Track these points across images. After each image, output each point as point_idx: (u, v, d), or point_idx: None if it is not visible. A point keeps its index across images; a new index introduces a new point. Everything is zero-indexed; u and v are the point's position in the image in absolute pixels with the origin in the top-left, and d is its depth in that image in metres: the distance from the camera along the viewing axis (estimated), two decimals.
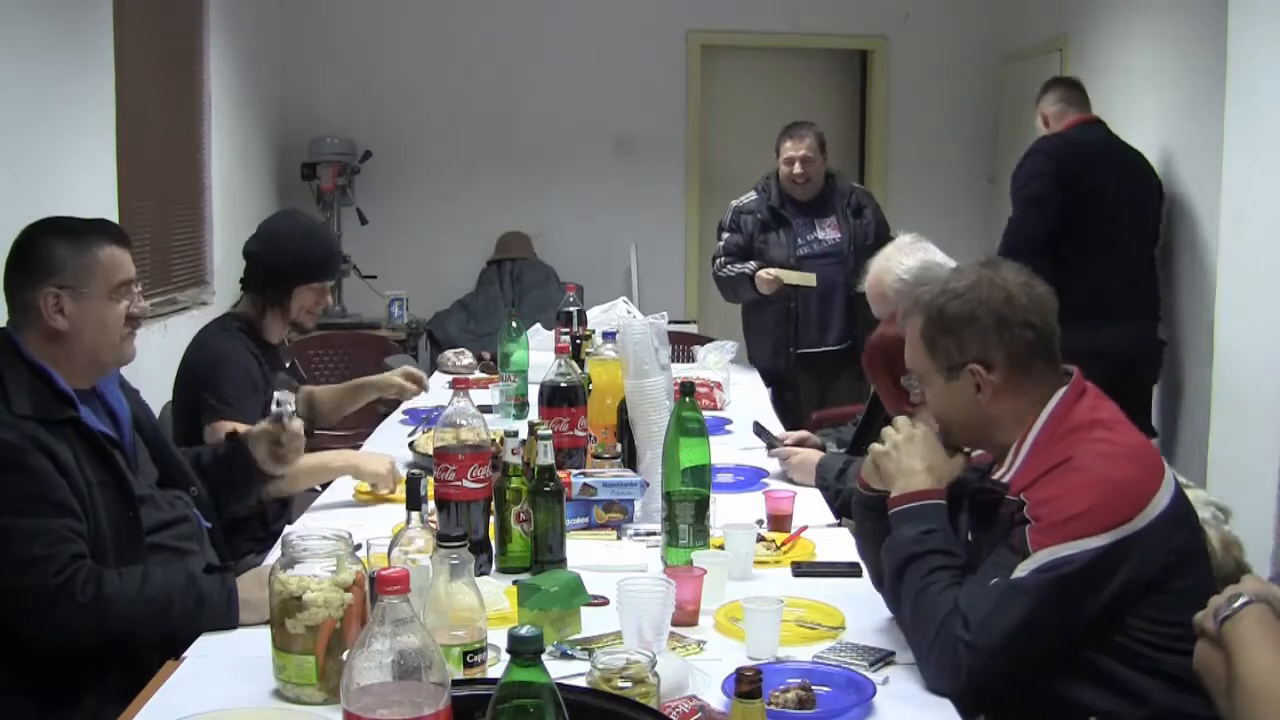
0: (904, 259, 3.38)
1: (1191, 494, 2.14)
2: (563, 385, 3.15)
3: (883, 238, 5.24)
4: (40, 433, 2.26)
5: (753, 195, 5.30)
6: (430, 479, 2.49)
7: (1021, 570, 1.93)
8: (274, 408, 2.77)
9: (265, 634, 1.99)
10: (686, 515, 2.48)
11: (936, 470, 2.16)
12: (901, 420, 2.22)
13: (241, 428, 2.91)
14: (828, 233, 5.21)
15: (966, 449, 2.24)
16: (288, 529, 2.84)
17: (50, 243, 2.39)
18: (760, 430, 3.62)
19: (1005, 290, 2.10)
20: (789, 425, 4.08)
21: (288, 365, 3.62)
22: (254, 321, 3.45)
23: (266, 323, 3.46)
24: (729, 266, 5.24)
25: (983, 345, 2.10)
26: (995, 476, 2.11)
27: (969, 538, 2.22)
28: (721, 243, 5.31)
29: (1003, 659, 1.93)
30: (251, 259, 3.47)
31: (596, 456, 3.06)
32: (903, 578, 2.07)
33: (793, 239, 5.17)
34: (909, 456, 2.16)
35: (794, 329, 5.21)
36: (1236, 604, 1.76)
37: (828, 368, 5.27)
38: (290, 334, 3.59)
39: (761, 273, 5.07)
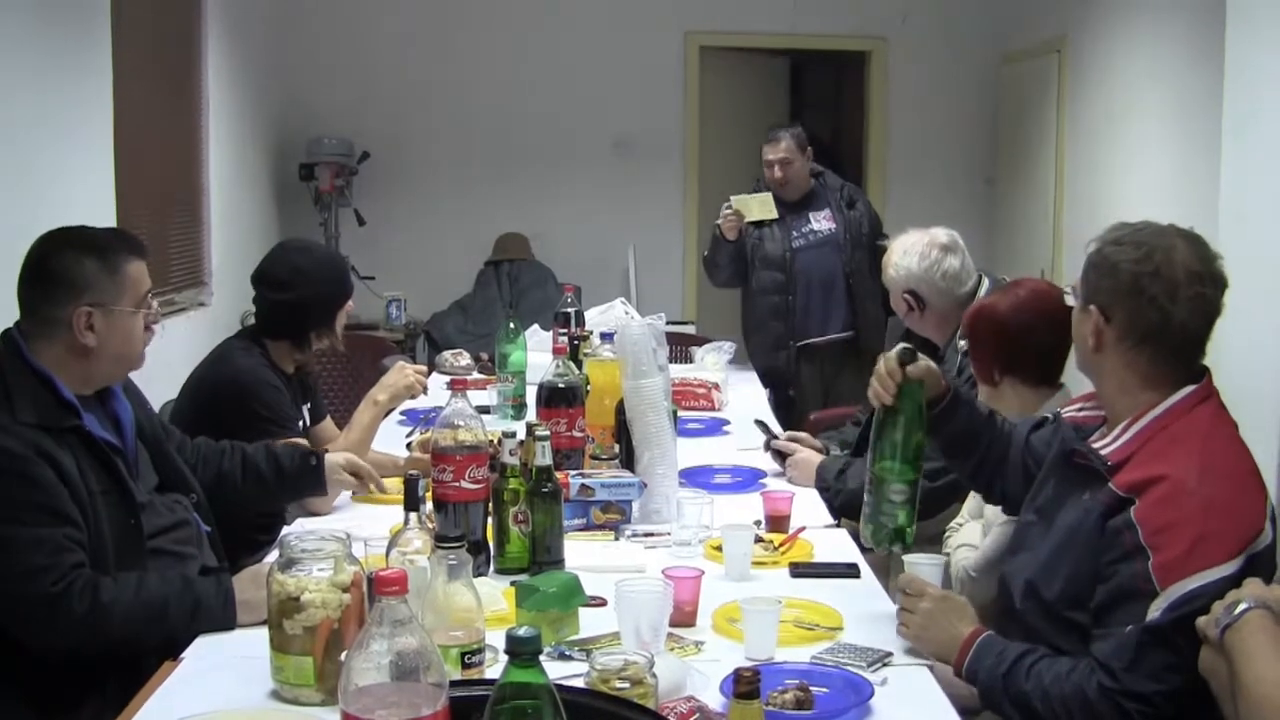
0: (912, 261, 3.48)
1: None
2: (561, 386, 3.14)
3: (877, 231, 5.30)
4: (44, 440, 2.25)
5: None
6: (428, 480, 2.49)
7: (1154, 611, 1.91)
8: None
9: (263, 635, 1.99)
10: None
11: (963, 615, 2.17)
12: (904, 602, 2.23)
13: (341, 457, 2.92)
14: (822, 223, 5.29)
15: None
16: (285, 530, 2.84)
17: (79, 259, 2.36)
18: (762, 425, 3.63)
19: (1160, 266, 2.06)
20: (789, 426, 4.09)
21: (307, 396, 3.51)
22: (275, 358, 3.33)
23: (305, 356, 3.37)
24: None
25: (1109, 297, 2.11)
26: (1096, 444, 2.12)
27: (1050, 492, 2.23)
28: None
29: (1160, 699, 1.90)
30: (283, 307, 3.32)
31: (594, 457, 3.05)
32: (1016, 692, 2.03)
33: (787, 232, 5.22)
34: (937, 630, 2.16)
35: (793, 321, 5.23)
36: (1237, 611, 1.75)
37: (831, 359, 5.29)
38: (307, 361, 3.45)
39: (721, 221, 5.16)
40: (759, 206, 5.16)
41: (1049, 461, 2.31)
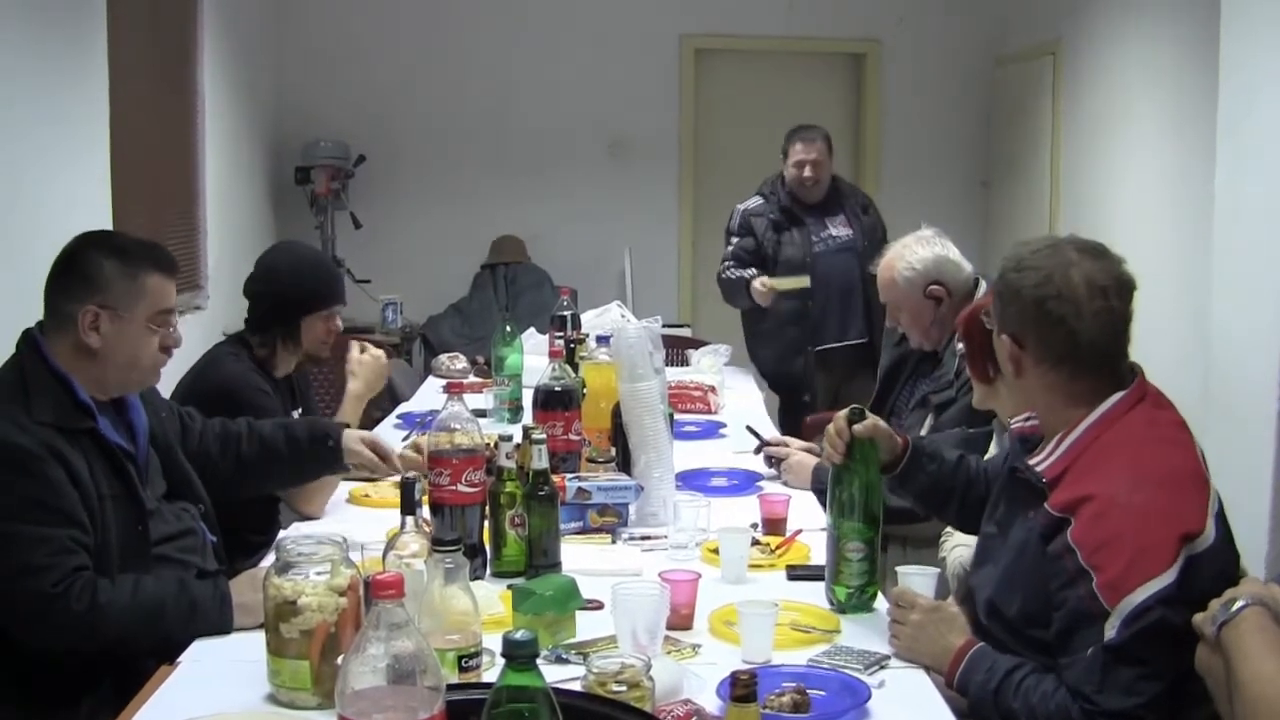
0: (919, 249, 3.46)
1: None
2: (557, 389, 3.14)
3: (883, 238, 5.30)
4: (58, 441, 2.25)
5: (758, 199, 5.33)
6: (425, 483, 2.49)
7: (1110, 630, 1.90)
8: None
9: (260, 638, 1.99)
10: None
11: (954, 627, 2.16)
12: (896, 614, 2.21)
13: (359, 435, 2.86)
14: (840, 229, 5.30)
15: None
16: (282, 533, 2.84)
17: (99, 260, 2.37)
18: (752, 431, 3.63)
19: (1061, 287, 2.06)
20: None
21: (298, 402, 3.51)
22: (263, 359, 3.34)
23: (276, 359, 3.36)
24: (731, 270, 5.27)
25: (1019, 324, 2.12)
26: (1033, 461, 2.12)
27: (1003, 507, 2.23)
28: (730, 247, 5.32)
29: (1141, 709, 1.90)
30: (255, 299, 3.36)
31: (591, 460, 3.05)
32: (1005, 709, 2.02)
33: (806, 236, 5.22)
34: (928, 642, 2.15)
35: (811, 327, 5.22)
36: (1234, 608, 1.75)
37: (845, 365, 5.28)
38: (307, 365, 3.48)
39: (755, 283, 5.13)
40: (793, 284, 5.16)
41: (1002, 475, 2.31)
